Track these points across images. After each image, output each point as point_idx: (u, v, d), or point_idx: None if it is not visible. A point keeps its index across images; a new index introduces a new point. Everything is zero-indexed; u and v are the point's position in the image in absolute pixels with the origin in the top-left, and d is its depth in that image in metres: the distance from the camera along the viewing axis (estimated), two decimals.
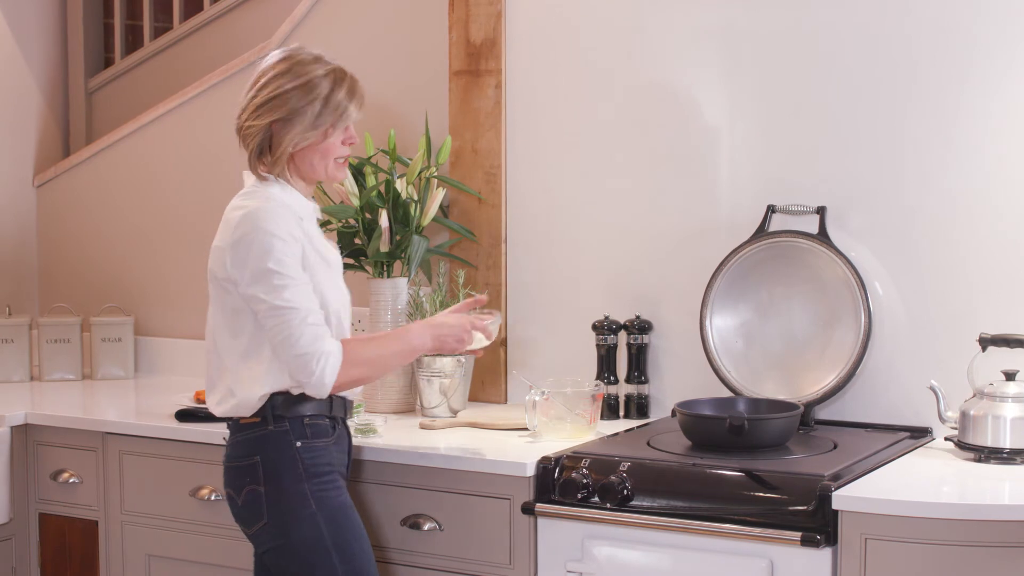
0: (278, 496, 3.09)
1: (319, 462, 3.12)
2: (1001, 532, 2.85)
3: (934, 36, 3.51)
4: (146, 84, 5.32)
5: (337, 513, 3.11)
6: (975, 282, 3.49)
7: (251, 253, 3.04)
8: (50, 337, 4.66)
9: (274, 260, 3.03)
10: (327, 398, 3.14)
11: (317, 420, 3.14)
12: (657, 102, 3.85)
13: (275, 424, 3.11)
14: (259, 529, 3.13)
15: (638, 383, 3.84)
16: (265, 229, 3.05)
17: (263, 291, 3.03)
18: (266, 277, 3.03)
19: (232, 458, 3.17)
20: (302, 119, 3.14)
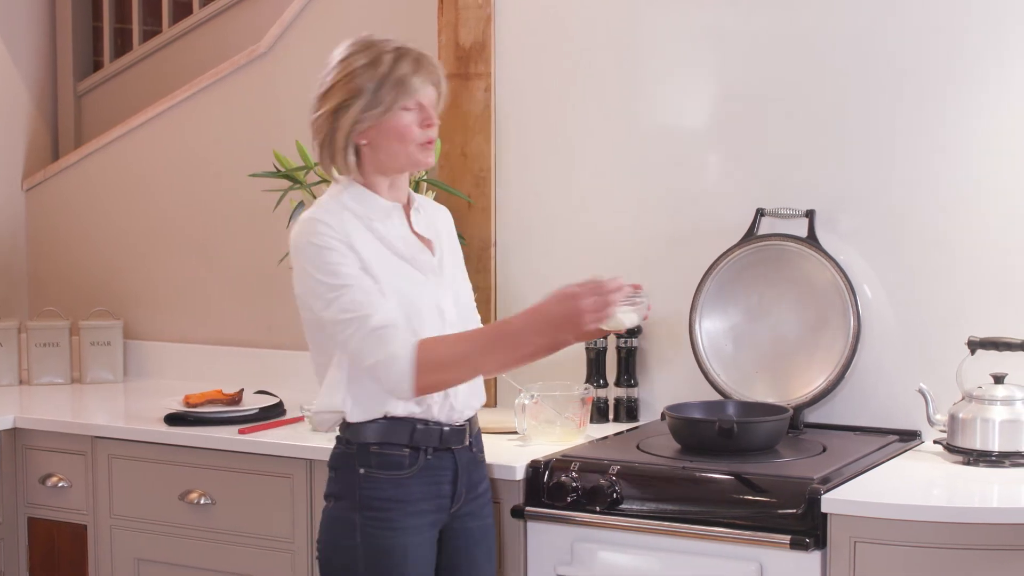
0: (332, 517, 2.99)
1: (378, 495, 2.94)
2: (990, 535, 2.85)
3: (922, 40, 3.51)
4: (135, 87, 5.32)
5: (381, 555, 2.93)
6: (964, 285, 3.49)
7: (301, 269, 2.92)
8: (39, 341, 4.65)
9: (322, 272, 2.88)
10: (408, 427, 2.94)
11: (387, 450, 2.94)
12: (647, 105, 3.86)
13: (346, 446, 2.98)
14: (318, 540, 3.03)
15: (627, 386, 3.85)
16: (307, 242, 2.90)
17: (320, 307, 2.88)
18: (318, 291, 2.88)
19: (328, 465, 3.06)
20: (361, 98, 2.91)
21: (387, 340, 2.84)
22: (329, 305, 2.87)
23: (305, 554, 3.57)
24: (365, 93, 2.91)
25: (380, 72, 2.91)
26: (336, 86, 2.92)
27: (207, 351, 4.66)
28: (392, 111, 2.91)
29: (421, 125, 2.95)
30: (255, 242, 4.55)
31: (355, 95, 2.91)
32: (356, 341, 2.86)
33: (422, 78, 2.94)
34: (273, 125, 4.50)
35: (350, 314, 2.86)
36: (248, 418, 3.83)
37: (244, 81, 4.60)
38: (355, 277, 2.88)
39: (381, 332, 2.85)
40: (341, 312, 2.86)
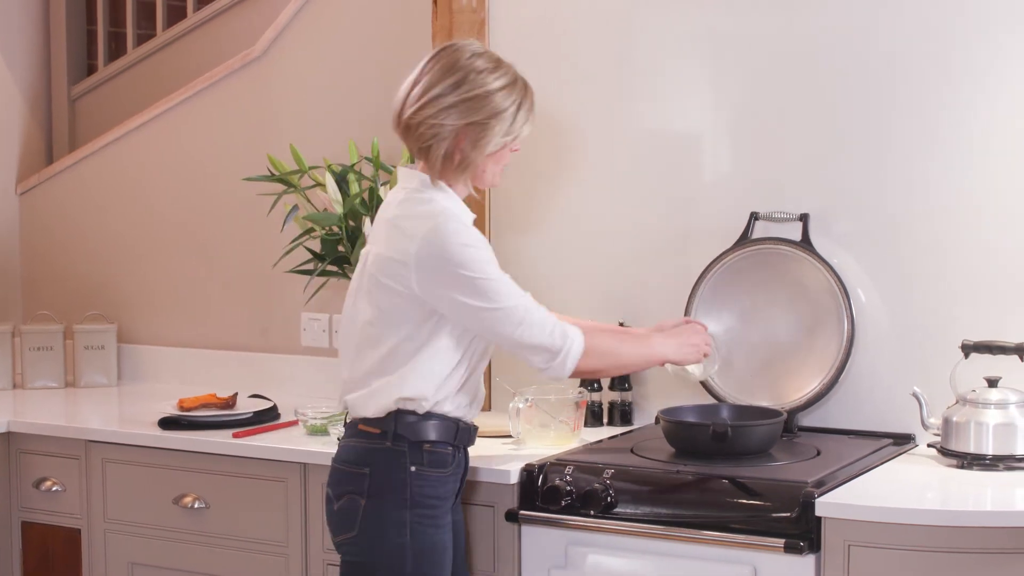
0: (376, 515, 2.98)
1: (428, 493, 3.00)
2: (983, 538, 2.85)
3: (916, 43, 3.52)
4: (129, 91, 5.32)
5: (429, 552, 3.00)
6: (958, 289, 3.50)
7: (451, 268, 2.95)
8: (33, 345, 4.65)
9: (477, 271, 2.95)
10: (454, 426, 3.04)
11: (439, 448, 3.02)
12: (641, 108, 3.86)
13: (394, 442, 2.99)
14: (346, 540, 3.03)
15: (622, 390, 3.85)
16: (455, 241, 2.95)
17: (479, 301, 2.95)
18: (475, 288, 2.95)
19: (342, 460, 3.06)
20: (502, 123, 3.00)
21: (556, 320, 3.03)
22: (489, 298, 2.96)
23: (299, 558, 3.57)
24: (505, 118, 3.00)
25: (516, 99, 3.02)
26: (472, 102, 2.97)
27: (201, 355, 4.66)
28: (512, 143, 3.06)
29: (512, 149, 3.09)
30: (249, 246, 4.54)
31: (494, 117, 2.98)
32: (523, 318, 2.98)
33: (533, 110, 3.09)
34: (267, 129, 4.50)
35: (517, 299, 2.99)
36: (242, 422, 3.83)
37: (238, 85, 4.60)
38: (498, 270, 3.01)
39: (545, 314, 3.03)
40: (508, 298, 2.97)
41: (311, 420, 3.71)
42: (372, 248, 3.07)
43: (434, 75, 3.00)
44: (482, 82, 2.98)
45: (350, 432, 3.08)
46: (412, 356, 2.99)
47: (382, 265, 3.00)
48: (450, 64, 3.00)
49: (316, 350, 4.43)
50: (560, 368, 3.04)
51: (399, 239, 2.98)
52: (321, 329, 4.40)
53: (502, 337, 3.01)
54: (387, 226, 3.04)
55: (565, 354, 3.03)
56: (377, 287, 3.01)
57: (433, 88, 2.98)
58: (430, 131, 2.98)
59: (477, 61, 3.00)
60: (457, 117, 2.97)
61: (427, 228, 2.95)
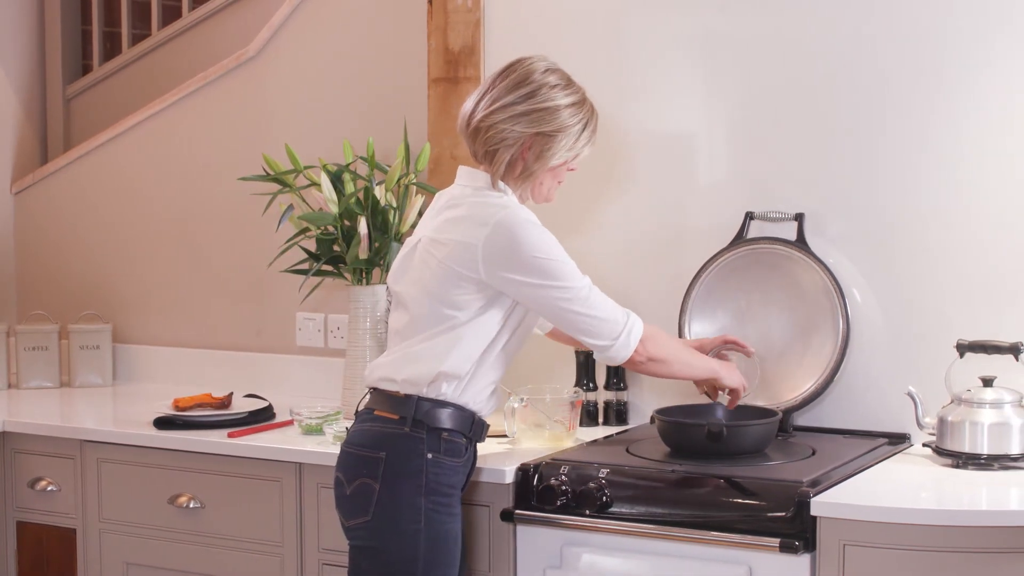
0: (391, 500, 3.01)
1: (443, 481, 3.05)
2: (979, 538, 2.86)
3: (909, 44, 3.52)
4: (124, 91, 5.32)
5: (441, 540, 3.04)
6: (953, 288, 3.50)
7: (523, 251, 3.04)
8: (27, 345, 4.64)
9: (547, 253, 3.06)
10: (470, 418, 3.10)
11: (455, 437, 3.07)
12: (636, 109, 3.86)
13: (413, 428, 3.04)
14: (359, 524, 3.05)
15: (617, 390, 3.85)
16: (526, 225, 3.06)
17: (549, 280, 3.05)
18: (545, 269, 3.05)
19: (356, 444, 3.09)
20: (567, 138, 3.12)
21: (620, 307, 3.16)
22: (562, 278, 3.07)
23: (294, 558, 3.57)
24: (571, 134, 3.12)
25: (583, 118, 3.15)
26: (543, 113, 3.09)
27: (196, 355, 4.66)
28: (574, 159, 3.19)
29: (570, 168, 3.22)
30: (244, 246, 4.54)
31: (561, 131, 3.11)
32: (590, 297, 3.10)
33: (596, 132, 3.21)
34: (262, 128, 4.50)
35: (582, 280, 3.10)
36: (237, 422, 3.83)
37: (233, 85, 4.60)
38: (567, 256, 3.13)
39: (610, 299, 3.15)
40: (575, 279, 3.09)
41: (306, 420, 3.71)
42: (428, 232, 3.13)
43: (508, 84, 3.11)
44: (553, 96, 3.10)
45: (364, 417, 3.12)
46: (456, 333, 3.06)
47: (451, 250, 3.05)
48: (524, 76, 3.11)
49: (311, 350, 4.43)
50: (623, 348, 3.13)
51: (471, 226, 3.05)
52: (316, 329, 4.40)
53: (569, 315, 3.09)
54: (456, 214, 3.10)
55: (628, 332, 3.12)
56: (440, 270, 3.06)
57: (506, 96, 3.09)
58: (498, 135, 3.08)
59: (550, 76, 3.12)
60: (526, 126, 3.08)
61: (500, 216, 3.04)
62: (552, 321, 3.18)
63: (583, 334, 3.13)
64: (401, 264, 3.18)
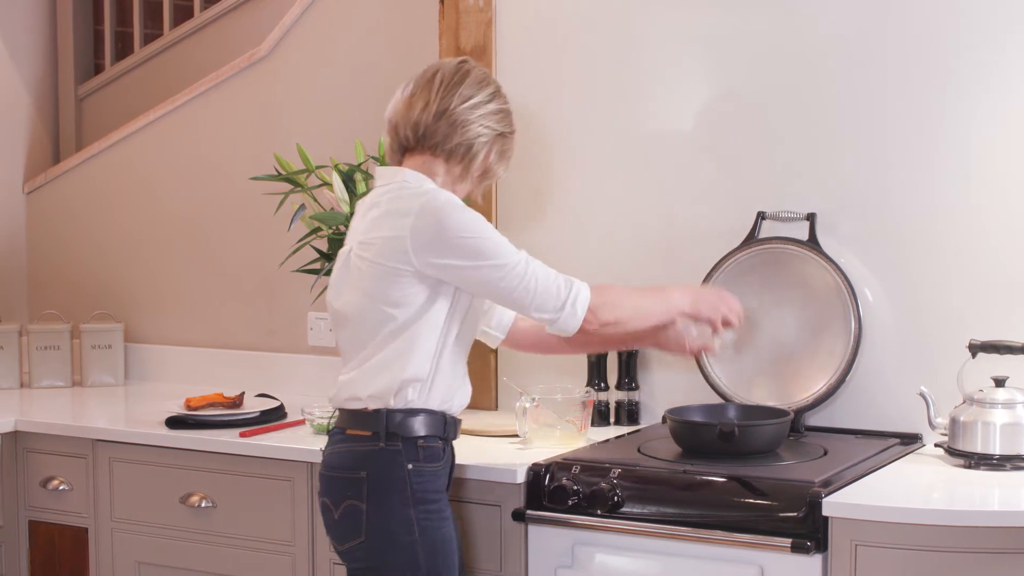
0: (381, 517, 2.98)
1: (428, 488, 3.01)
2: (991, 538, 2.85)
3: (922, 43, 3.51)
4: (136, 90, 5.32)
5: (438, 546, 3.01)
6: (965, 288, 3.49)
7: (441, 228, 2.97)
8: (40, 344, 4.65)
9: (474, 231, 2.98)
10: (442, 419, 3.05)
11: (431, 443, 3.03)
12: (647, 108, 3.86)
13: (387, 442, 3.00)
14: (354, 546, 3.02)
15: (628, 389, 3.84)
16: (451, 207, 2.99)
17: (481, 260, 2.96)
18: (475, 248, 2.96)
19: (335, 467, 3.05)
20: (511, 139, 3.15)
21: (562, 275, 3.03)
22: (488, 251, 2.97)
23: (305, 557, 3.57)
24: (512, 136, 3.14)
25: (514, 126, 3.16)
26: (504, 116, 3.11)
27: (208, 354, 4.67)
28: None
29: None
30: (256, 245, 4.55)
31: (513, 134, 3.14)
32: (528, 269, 2.98)
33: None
34: (274, 128, 4.50)
35: (517, 254, 2.99)
36: (249, 421, 3.83)
37: (245, 84, 4.60)
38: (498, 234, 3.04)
39: (548, 267, 3.03)
40: (508, 255, 2.98)
41: (318, 419, 3.71)
42: (356, 239, 3.08)
43: (472, 82, 3.09)
44: (506, 99, 3.14)
45: (337, 439, 3.08)
46: (408, 334, 2.99)
47: (380, 248, 3.00)
48: (482, 76, 3.11)
49: (322, 349, 4.43)
50: (571, 318, 3.00)
51: (394, 218, 3.00)
52: (327, 329, 4.40)
53: (508, 292, 2.98)
54: (377, 213, 3.04)
55: (573, 300, 3.00)
56: (377, 272, 3.00)
57: (477, 95, 3.08)
58: (474, 130, 3.06)
59: (494, 81, 3.14)
60: (496, 124, 3.09)
61: (421, 202, 2.98)
62: (494, 300, 3.09)
63: (527, 309, 3.00)
64: (337, 279, 3.13)
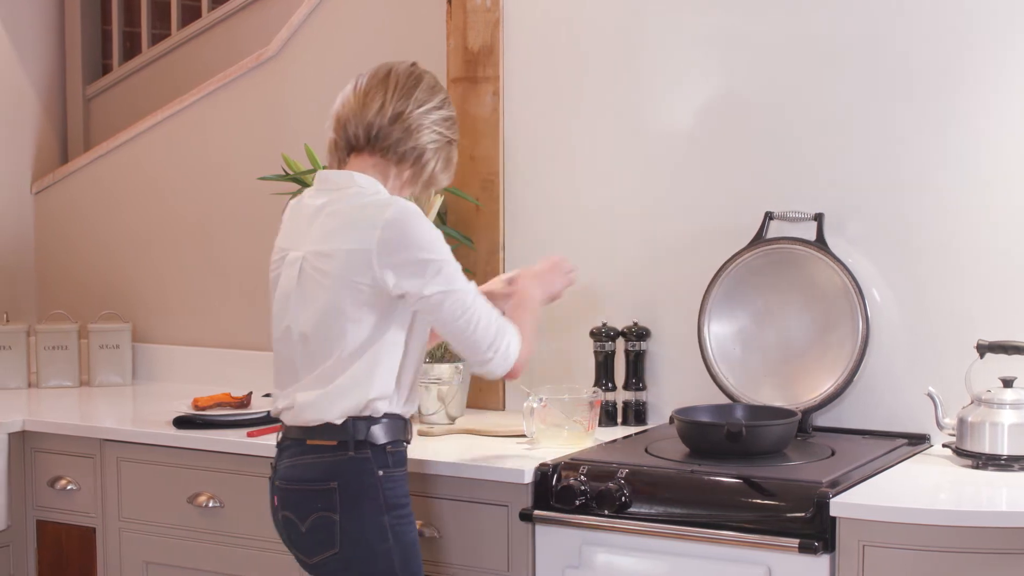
0: (355, 526, 2.94)
1: (399, 493, 2.99)
2: (998, 539, 2.85)
3: (930, 43, 3.51)
4: (144, 91, 5.32)
5: (410, 550, 3.00)
6: (973, 289, 3.49)
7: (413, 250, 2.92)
8: (47, 344, 4.66)
9: (437, 253, 2.94)
10: (403, 423, 3.03)
11: (397, 447, 3.01)
12: (655, 109, 3.86)
13: (357, 450, 2.96)
14: (327, 558, 2.98)
15: (636, 390, 3.84)
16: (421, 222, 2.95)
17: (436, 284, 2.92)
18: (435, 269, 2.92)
19: (300, 480, 2.99)
20: (456, 152, 3.15)
21: (501, 317, 3.01)
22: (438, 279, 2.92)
23: None
24: (456, 145, 3.14)
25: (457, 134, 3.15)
26: (451, 121, 3.10)
27: (215, 354, 4.67)
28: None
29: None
30: (264, 245, 4.52)
31: (456, 141, 3.13)
32: (474, 308, 2.94)
33: None
34: (282, 128, 4.50)
35: (466, 284, 2.96)
36: (256, 421, 3.83)
37: (253, 84, 4.60)
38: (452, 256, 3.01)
39: (492, 309, 3.00)
40: (460, 282, 2.95)
41: None
42: (308, 247, 3.01)
43: (425, 87, 3.07)
44: (452, 107, 3.13)
45: (296, 450, 3.01)
46: (372, 352, 2.95)
47: (342, 261, 2.94)
48: (434, 82, 3.10)
49: None
50: (503, 362, 2.99)
51: (359, 231, 2.93)
52: None
53: (451, 319, 2.93)
54: (338, 222, 2.98)
55: (506, 347, 2.98)
56: (337, 285, 2.94)
57: (430, 100, 3.06)
58: (428, 136, 3.04)
59: (444, 87, 3.14)
60: (446, 131, 3.08)
61: (389, 214, 2.92)
62: (434, 323, 3.00)
63: (462, 340, 2.96)
64: (290, 291, 3.04)
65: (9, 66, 5.02)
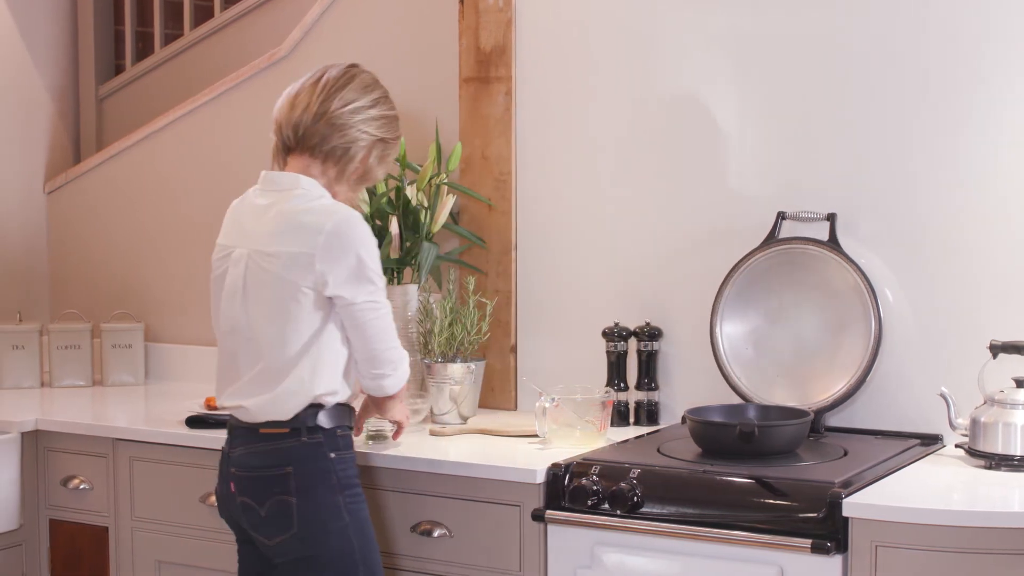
0: (311, 508, 3.09)
1: (349, 474, 3.16)
2: (1011, 539, 2.84)
3: (944, 44, 3.50)
4: (157, 91, 5.33)
5: (364, 526, 3.15)
6: (985, 289, 3.48)
7: (350, 257, 3.08)
8: (60, 343, 4.66)
9: (374, 260, 3.12)
10: (348, 410, 3.20)
11: (345, 431, 3.18)
12: (667, 109, 3.85)
13: (308, 435, 3.12)
14: (286, 539, 3.11)
15: (648, 390, 3.84)
16: (365, 233, 3.12)
17: (366, 293, 3.10)
18: (369, 280, 3.11)
19: (254, 467, 3.14)
20: (395, 148, 3.27)
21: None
22: (370, 288, 3.11)
23: None
24: (398, 145, 3.27)
25: (398, 132, 3.27)
26: (388, 121, 3.22)
27: None
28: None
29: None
30: None
31: (396, 140, 3.25)
32: (386, 323, 3.15)
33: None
34: None
35: (387, 300, 3.15)
36: None
37: (265, 85, 4.60)
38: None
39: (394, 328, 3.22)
40: (383, 295, 3.14)
41: None
42: (253, 246, 3.15)
43: (357, 87, 3.20)
44: (392, 106, 3.27)
45: (250, 438, 3.15)
46: (317, 351, 3.11)
47: (286, 262, 3.08)
48: (369, 81, 3.23)
49: None
50: (398, 381, 3.22)
51: (304, 234, 3.08)
52: None
53: (367, 331, 3.12)
54: (281, 224, 3.11)
55: (404, 366, 3.22)
56: (280, 286, 3.09)
57: (360, 99, 3.18)
58: (352, 134, 3.16)
59: (381, 87, 3.26)
60: (376, 130, 3.19)
61: (334, 221, 3.08)
62: (351, 330, 3.14)
63: (370, 349, 3.14)
64: (237, 289, 3.18)
65: (22, 66, 5.03)
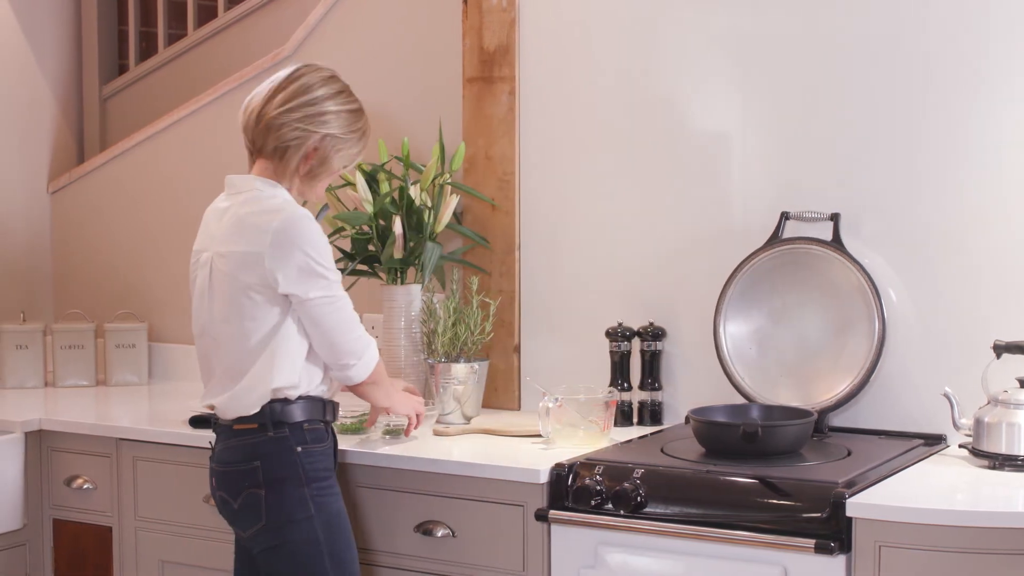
0: (278, 500, 3.18)
1: (318, 467, 3.22)
2: (1015, 539, 2.84)
3: (948, 43, 3.50)
4: (160, 91, 5.34)
5: (333, 519, 3.21)
6: (989, 289, 3.48)
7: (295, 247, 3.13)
8: (64, 343, 4.67)
9: (323, 256, 3.17)
10: (320, 404, 3.25)
11: (315, 425, 3.24)
12: (670, 109, 3.85)
13: (275, 430, 3.20)
14: (257, 531, 3.20)
15: (652, 390, 3.84)
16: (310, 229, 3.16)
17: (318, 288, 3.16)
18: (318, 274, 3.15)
19: (229, 462, 3.25)
20: (352, 143, 3.27)
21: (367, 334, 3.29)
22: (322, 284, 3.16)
23: None
24: (356, 140, 3.29)
25: (363, 126, 3.30)
26: (330, 116, 3.22)
27: None
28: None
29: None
30: None
31: (352, 135, 3.27)
32: (345, 314, 3.20)
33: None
34: None
35: (343, 292, 3.21)
36: None
37: None
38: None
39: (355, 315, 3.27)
40: (339, 288, 3.19)
41: (342, 419, 3.71)
42: (215, 248, 3.24)
43: (299, 87, 3.23)
44: (347, 101, 3.28)
45: (226, 435, 3.28)
46: (274, 346, 3.18)
47: (237, 262, 3.17)
48: (314, 81, 3.25)
49: None
50: (365, 368, 3.26)
51: (252, 234, 3.16)
52: None
53: (324, 325, 3.18)
54: (234, 226, 3.21)
55: (371, 352, 3.26)
56: (233, 285, 3.18)
57: (299, 97, 3.22)
58: (292, 133, 3.21)
59: (336, 84, 3.29)
60: (318, 127, 3.22)
61: (280, 219, 3.15)
62: (311, 327, 3.20)
63: (335, 343, 3.20)
64: (205, 290, 3.28)
65: (26, 66, 5.03)
